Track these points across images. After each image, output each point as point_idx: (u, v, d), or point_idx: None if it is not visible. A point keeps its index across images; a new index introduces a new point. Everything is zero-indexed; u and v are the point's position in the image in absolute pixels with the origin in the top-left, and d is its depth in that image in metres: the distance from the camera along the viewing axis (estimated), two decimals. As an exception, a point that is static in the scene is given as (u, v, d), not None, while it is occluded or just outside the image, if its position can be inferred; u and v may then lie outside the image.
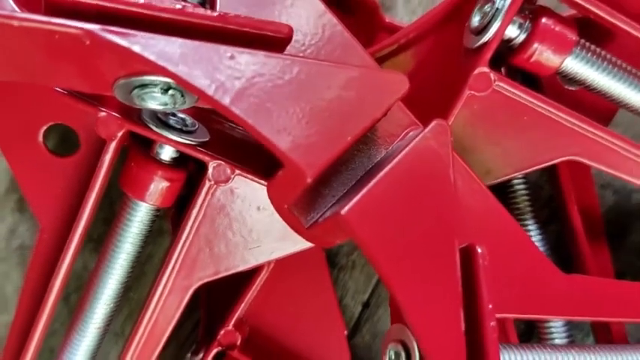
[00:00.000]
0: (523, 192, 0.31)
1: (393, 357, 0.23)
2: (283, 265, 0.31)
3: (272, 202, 0.26)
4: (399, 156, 0.22)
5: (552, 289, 0.25)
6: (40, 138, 0.27)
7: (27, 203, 0.36)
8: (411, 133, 0.23)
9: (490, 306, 0.22)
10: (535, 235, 0.31)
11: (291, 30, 0.22)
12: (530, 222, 0.31)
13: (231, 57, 0.21)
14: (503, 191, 0.32)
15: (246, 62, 0.21)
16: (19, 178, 0.27)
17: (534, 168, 0.29)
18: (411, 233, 0.22)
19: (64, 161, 0.27)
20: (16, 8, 0.21)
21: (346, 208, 0.21)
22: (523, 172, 0.30)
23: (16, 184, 0.36)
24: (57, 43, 0.20)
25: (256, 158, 0.26)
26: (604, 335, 0.32)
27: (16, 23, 0.19)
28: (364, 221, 0.21)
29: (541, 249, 0.32)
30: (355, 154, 0.24)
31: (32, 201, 0.28)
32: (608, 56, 0.27)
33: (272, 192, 0.25)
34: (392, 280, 0.22)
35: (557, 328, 0.31)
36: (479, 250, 0.23)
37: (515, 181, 0.32)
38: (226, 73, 0.20)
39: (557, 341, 0.31)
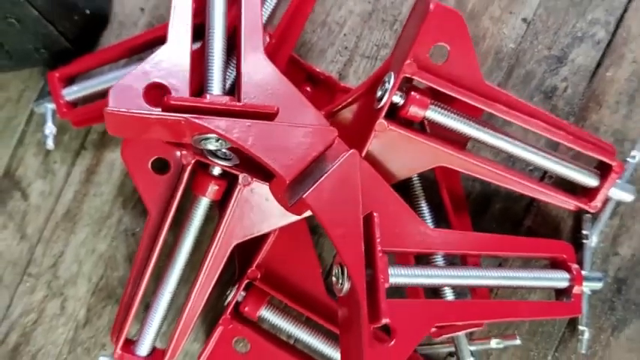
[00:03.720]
0: (418, 184, 0.54)
1: (337, 270, 0.46)
2: (283, 231, 0.54)
3: (272, 194, 0.49)
4: (333, 168, 0.44)
5: (421, 234, 0.47)
6: (149, 165, 0.51)
7: (130, 203, 0.60)
8: (343, 154, 0.46)
9: (378, 241, 0.44)
10: (426, 211, 0.54)
11: (278, 109, 0.45)
12: (423, 202, 0.54)
13: (248, 124, 0.44)
14: (407, 185, 0.54)
15: (254, 125, 0.44)
16: (138, 186, 0.51)
17: (420, 170, 0.52)
18: (338, 208, 0.44)
19: (162, 177, 0.51)
20: (149, 107, 0.44)
21: (306, 194, 0.43)
22: (414, 173, 0.52)
23: (120, 191, 0.60)
24: (169, 124, 0.43)
25: (262, 171, 0.49)
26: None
27: (152, 117, 0.42)
28: (315, 202, 0.43)
29: (429, 219, 0.54)
30: (315, 166, 0.47)
31: (145, 200, 0.51)
32: (452, 109, 0.49)
33: (272, 189, 0.48)
34: (331, 233, 0.44)
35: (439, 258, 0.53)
36: (374, 214, 0.45)
37: (414, 178, 0.54)
38: (245, 132, 0.43)
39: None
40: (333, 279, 0.45)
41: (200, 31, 0.49)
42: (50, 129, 0.57)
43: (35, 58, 0.58)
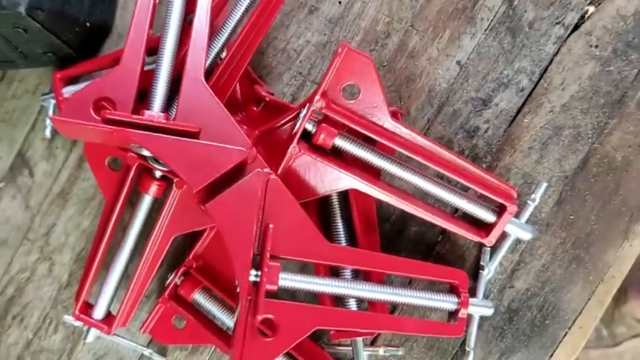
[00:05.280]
0: (336, 202, 0.60)
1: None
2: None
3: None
4: (236, 184, 0.52)
5: (318, 247, 0.54)
6: (106, 162, 0.61)
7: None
8: (249, 174, 0.53)
9: (268, 249, 0.51)
10: (340, 227, 0.60)
11: (199, 129, 0.53)
12: (338, 219, 0.60)
13: (169, 139, 0.52)
14: (327, 201, 0.61)
15: (173, 141, 0.52)
16: (97, 178, 0.61)
17: (335, 190, 0.58)
18: (235, 218, 0.52)
19: (116, 173, 0.61)
20: (95, 117, 0.53)
21: (207, 204, 0.51)
22: (331, 192, 0.59)
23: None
24: (104, 133, 0.52)
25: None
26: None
27: (89, 126, 0.52)
28: (214, 211, 0.51)
29: (342, 235, 0.61)
30: (232, 179, 0.55)
31: (102, 189, 0.61)
32: (358, 140, 0.55)
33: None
34: (226, 239, 0.52)
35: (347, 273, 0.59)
36: (270, 226, 0.52)
37: (333, 196, 0.60)
38: (163, 146, 0.52)
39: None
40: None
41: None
42: (50, 121, 0.69)
43: (45, 59, 0.69)
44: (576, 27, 0.58)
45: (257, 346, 0.52)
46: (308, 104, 0.55)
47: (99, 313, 0.64)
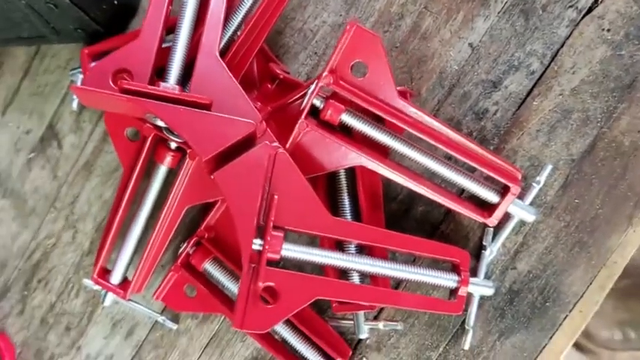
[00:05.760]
0: (343, 178, 0.61)
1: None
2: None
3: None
4: (243, 155, 0.54)
5: (321, 220, 0.56)
6: (125, 132, 0.63)
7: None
8: (257, 146, 0.55)
9: (272, 219, 0.53)
10: (347, 203, 0.62)
11: (211, 101, 0.55)
12: (345, 195, 0.61)
13: (181, 110, 0.54)
14: (334, 177, 0.62)
15: (185, 112, 0.54)
16: (116, 148, 0.64)
17: (343, 166, 0.59)
18: (241, 188, 0.54)
19: (134, 143, 0.63)
20: (114, 87, 0.56)
21: (215, 173, 0.54)
22: (338, 168, 0.60)
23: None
24: (120, 101, 0.55)
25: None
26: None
27: (105, 95, 0.54)
28: (221, 180, 0.53)
29: (348, 211, 0.62)
30: (241, 150, 0.57)
31: (121, 159, 0.64)
32: (365, 117, 0.57)
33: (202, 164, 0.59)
34: (231, 208, 0.54)
35: (351, 247, 0.61)
36: (275, 197, 0.54)
37: (340, 172, 0.62)
38: (175, 116, 0.54)
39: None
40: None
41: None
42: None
43: (76, 35, 0.72)
44: (589, 10, 0.58)
45: (258, 312, 0.54)
46: (316, 80, 0.56)
47: (115, 278, 0.67)
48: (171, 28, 0.60)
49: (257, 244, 0.54)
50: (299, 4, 0.67)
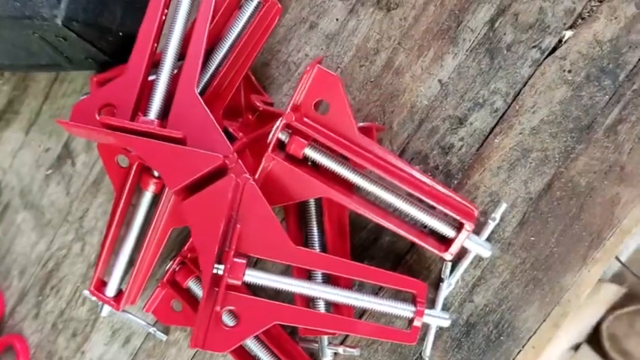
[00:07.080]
0: (312, 208, 0.64)
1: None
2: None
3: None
4: (211, 185, 0.58)
5: (284, 249, 0.59)
6: (116, 159, 0.69)
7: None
8: (220, 180, 0.59)
9: (233, 247, 0.57)
10: (315, 232, 0.64)
11: (185, 136, 0.59)
12: (313, 225, 0.64)
13: (153, 143, 0.59)
14: (304, 207, 0.65)
15: (158, 145, 0.59)
16: (108, 173, 0.69)
17: (311, 197, 0.62)
18: (205, 217, 0.57)
19: (123, 170, 0.69)
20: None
21: (183, 203, 0.58)
22: (306, 198, 0.63)
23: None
24: (101, 134, 0.60)
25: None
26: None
27: (89, 129, 0.59)
28: (189, 208, 0.58)
29: (317, 240, 0.65)
30: (214, 182, 0.61)
31: (113, 183, 0.69)
32: (327, 152, 0.59)
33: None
34: (194, 236, 0.58)
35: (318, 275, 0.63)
36: (238, 226, 0.58)
37: (310, 202, 0.65)
38: (147, 149, 0.59)
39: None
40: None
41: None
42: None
43: (87, 64, 0.79)
44: (553, 51, 0.59)
45: (219, 333, 0.58)
46: (281, 117, 0.59)
47: (111, 290, 0.72)
48: (156, 62, 0.65)
49: (218, 268, 0.57)
50: (284, 37, 0.70)
